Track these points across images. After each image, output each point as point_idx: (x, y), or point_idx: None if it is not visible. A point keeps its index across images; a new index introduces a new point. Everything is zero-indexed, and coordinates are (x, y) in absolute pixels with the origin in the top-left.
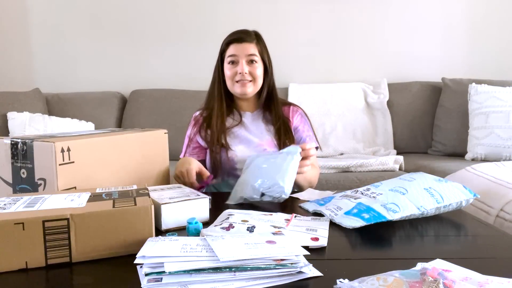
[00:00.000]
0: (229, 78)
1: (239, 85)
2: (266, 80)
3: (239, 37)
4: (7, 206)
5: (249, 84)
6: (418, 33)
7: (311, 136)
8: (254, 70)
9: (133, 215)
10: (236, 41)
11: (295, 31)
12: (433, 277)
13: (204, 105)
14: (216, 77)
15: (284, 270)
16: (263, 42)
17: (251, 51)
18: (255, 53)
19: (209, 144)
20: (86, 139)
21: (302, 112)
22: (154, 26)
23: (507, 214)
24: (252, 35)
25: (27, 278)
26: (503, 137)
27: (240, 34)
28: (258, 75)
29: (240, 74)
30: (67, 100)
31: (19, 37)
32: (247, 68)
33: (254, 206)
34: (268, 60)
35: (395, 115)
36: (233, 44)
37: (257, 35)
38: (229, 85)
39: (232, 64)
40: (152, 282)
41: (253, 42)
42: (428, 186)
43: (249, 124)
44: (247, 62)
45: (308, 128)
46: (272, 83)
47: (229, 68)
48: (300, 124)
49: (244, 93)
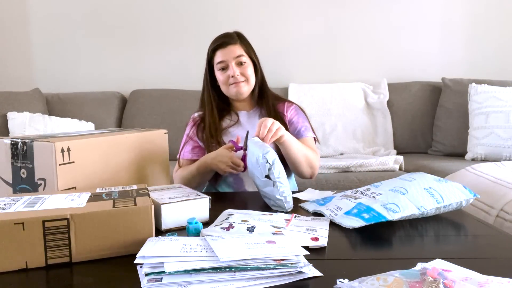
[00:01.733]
0: (223, 83)
1: (234, 87)
2: (257, 77)
3: (223, 42)
4: (7, 206)
5: (242, 84)
6: (418, 33)
7: (307, 127)
8: (244, 70)
9: (133, 215)
10: (221, 47)
11: (295, 31)
12: (433, 277)
13: (199, 109)
14: (205, 85)
15: (284, 270)
16: (246, 41)
17: (238, 53)
18: (241, 53)
19: (205, 145)
20: (86, 139)
21: (296, 106)
22: (154, 26)
23: (507, 214)
24: (235, 36)
25: (27, 278)
26: (503, 137)
27: (223, 38)
28: (250, 74)
29: (233, 77)
30: (67, 100)
31: (19, 37)
32: (238, 70)
33: (254, 206)
34: (256, 58)
35: (395, 115)
36: (218, 50)
37: (239, 35)
38: (224, 89)
39: (222, 70)
40: (152, 282)
41: (237, 43)
42: (428, 186)
43: (245, 122)
44: (236, 64)
45: (303, 119)
46: (262, 79)
47: (221, 74)
48: (295, 116)
49: (240, 94)
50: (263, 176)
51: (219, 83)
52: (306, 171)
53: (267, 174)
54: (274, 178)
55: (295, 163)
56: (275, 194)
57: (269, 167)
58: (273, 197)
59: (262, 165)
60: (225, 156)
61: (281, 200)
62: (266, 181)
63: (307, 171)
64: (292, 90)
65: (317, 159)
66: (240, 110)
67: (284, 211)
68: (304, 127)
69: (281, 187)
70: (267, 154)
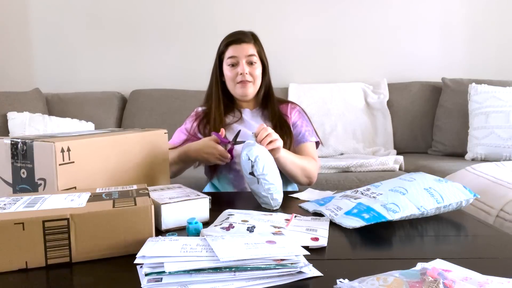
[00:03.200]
0: (230, 80)
1: (240, 87)
2: (264, 79)
3: (238, 38)
4: (7, 206)
5: (249, 85)
6: (418, 33)
7: (310, 131)
8: (253, 71)
9: (133, 215)
10: (235, 42)
11: (295, 31)
12: (433, 277)
13: (203, 104)
14: (214, 78)
15: (284, 270)
16: (260, 43)
17: (250, 52)
18: (254, 53)
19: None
20: (86, 139)
21: (299, 109)
22: (154, 26)
23: (507, 214)
24: (249, 35)
25: (27, 278)
26: (503, 137)
27: (238, 35)
28: (257, 76)
29: (241, 75)
30: (67, 100)
31: (19, 37)
32: (247, 69)
33: (254, 206)
34: (266, 61)
35: (395, 115)
36: (232, 46)
37: (253, 35)
38: (230, 86)
39: (232, 66)
40: (152, 282)
41: (251, 43)
42: (428, 186)
43: (248, 120)
44: (247, 63)
45: (307, 123)
46: (269, 82)
47: (230, 70)
48: (299, 119)
49: (245, 95)
50: (248, 173)
51: (226, 78)
52: (302, 181)
53: (251, 171)
54: (257, 175)
55: (291, 175)
56: (260, 191)
57: (251, 164)
58: (259, 194)
59: (245, 162)
60: (213, 148)
61: (267, 197)
62: (251, 178)
63: (303, 181)
64: (292, 90)
65: (315, 168)
66: (244, 108)
67: (276, 210)
68: (308, 131)
69: (266, 184)
70: (249, 151)
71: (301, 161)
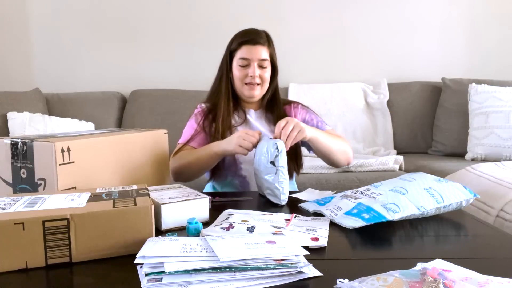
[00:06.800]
0: (238, 79)
1: (248, 88)
2: (273, 82)
3: (252, 39)
4: (7, 206)
5: (257, 87)
6: (418, 33)
7: (322, 121)
8: (263, 73)
9: (133, 215)
10: (249, 43)
11: (295, 31)
12: (433, 277)
13: (208, 100)
14: (224, 74)
15: (284, 270)
16: (273, 44)
17: (264, 56)
18: (266, 57)
19: (211, 139)
20: (86, 139)
21: (302, 105)
22: (154, 26)
23: (507, 214)
24: (264, 37)
25: (27, 278)
26: (503, 137)
27: (253, 35)
28: (267, 78)
29: (251, 77)
30: (67, 100)
31: (19, 37)
32: (258, 72)
33: (254, 206)
34: (276, 64)
35: (395, 115)
36: (246, 46)
37: (268, 36)
38: (238, 86)
39: (243, 66)
40: (152, 282)
41: (265, 45)
42: (428, 186)
43: (253, 122)
44: (258, 66)
45: (315, 115)
46: (276, 84)
47: (240, 70)
48: (307, 115)
49: (252, 96)
50: (268, 162)
51: (234, 77)
52: (341, 159)
53: (273, 160)
54: (278, 165)
55: (329, 153)
56: (275, 183)
57: (276, 154)
58: (272, 185)
59: (270, 152)
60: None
61: (279, 190)
62: (270, 167)
63: (342, 158)
64: (292, 90)
65: (348, 144)
66: (249, 108)
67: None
68: (320, 122)
69: (282, 177)
70: (278, 141)
71: (332, 138)
